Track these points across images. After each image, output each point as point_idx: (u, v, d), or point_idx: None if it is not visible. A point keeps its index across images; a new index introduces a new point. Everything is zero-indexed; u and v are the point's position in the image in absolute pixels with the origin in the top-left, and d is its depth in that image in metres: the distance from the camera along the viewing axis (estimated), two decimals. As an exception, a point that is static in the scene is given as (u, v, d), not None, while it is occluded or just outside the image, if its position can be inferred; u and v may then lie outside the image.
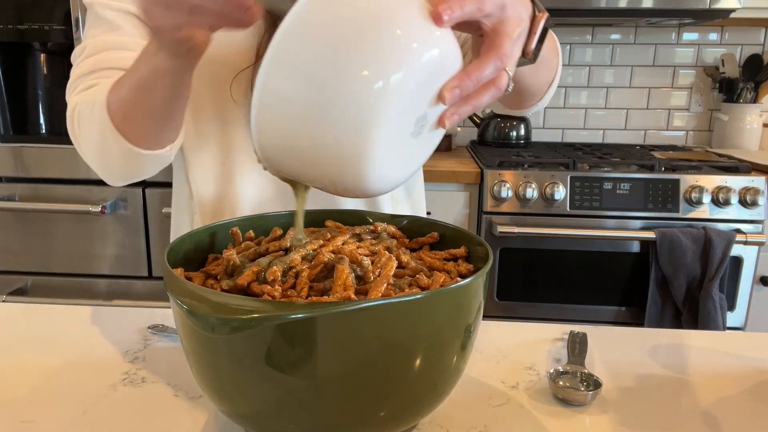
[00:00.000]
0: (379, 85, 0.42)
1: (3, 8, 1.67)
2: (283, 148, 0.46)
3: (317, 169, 0.46)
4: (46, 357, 0.68)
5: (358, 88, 0.42)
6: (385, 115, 0.43)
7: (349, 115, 0.42)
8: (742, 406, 0.60)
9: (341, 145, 0.44)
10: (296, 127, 0.44)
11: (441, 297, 0.44)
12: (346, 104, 0.42)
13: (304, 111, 0.43)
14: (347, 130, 0.43)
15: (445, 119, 0.48)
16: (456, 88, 0.46)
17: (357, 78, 0.42)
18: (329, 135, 0.43)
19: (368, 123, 0.43)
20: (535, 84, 0.73)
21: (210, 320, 0.39)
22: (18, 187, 1.77)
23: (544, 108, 0.86)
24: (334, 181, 0.47)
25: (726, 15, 1.79)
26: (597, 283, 1.72)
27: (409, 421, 0.49)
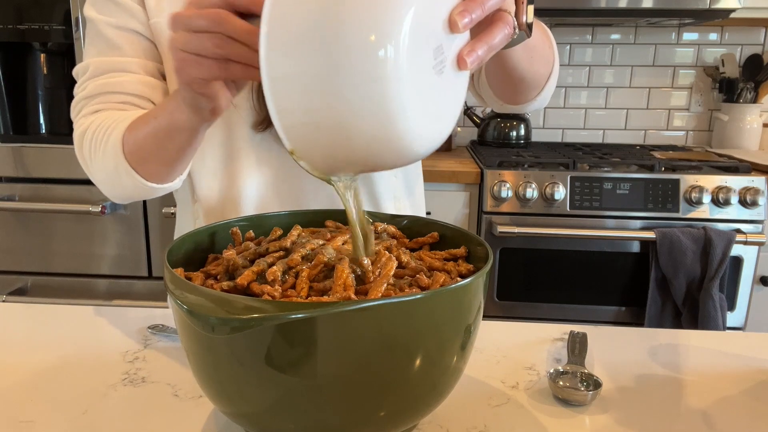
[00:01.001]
0: (381, 29, 0.38)
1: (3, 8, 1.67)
2: (309, 133, 0.42)
3: (353, 145, 0.42)
4: (46, 357, 0.68)
5: (359, 43, 0.38)
6: (398, 54, 0.39)
7: (362, 73, 0.39)
8: (742, 406, 0.60)
9: (367, 108, 0.40)
10: (314, 103, 0.40)
11: (441, 297, 0.44)
12: (354, 62, 0.38)
13: (315, 83, 0.40)
14: (366, 88, 0.39)
15: (464, 56, 0.46)
16: (464, 11, 0.45)
17: (356, 32, 0.38)
18: (350, 100, 0.39)
19: (384, 71, 0.39)
20: (530, 72, 0.72)
21: (210, 320, 0.39)
22: (18, 187, 1.77)
23: (543, 108, 0.85)
24: (375, 152, 0.43)
25: (726, 15, 1.79)
26: (597, 283, 1.72)
27: (409, 421, 0.49)
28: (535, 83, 0.75)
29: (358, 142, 0.42)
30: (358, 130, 0.41)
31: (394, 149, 0.43)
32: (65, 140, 1.74)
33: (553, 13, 1.85)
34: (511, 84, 0.75)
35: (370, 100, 0.40)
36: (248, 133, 0.79)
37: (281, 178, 0.82)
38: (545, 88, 0.78)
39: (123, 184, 0.71)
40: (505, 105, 0.82)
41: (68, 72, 1.79)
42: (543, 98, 0.80)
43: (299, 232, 0.59)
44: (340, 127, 0.41)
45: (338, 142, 0.42)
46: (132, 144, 0.68)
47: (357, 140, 0.42)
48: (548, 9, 1.82)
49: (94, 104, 0.76)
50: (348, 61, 0.39)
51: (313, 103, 0.40)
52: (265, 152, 0.80)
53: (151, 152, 0.67)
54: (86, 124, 0.75)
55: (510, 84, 0.75)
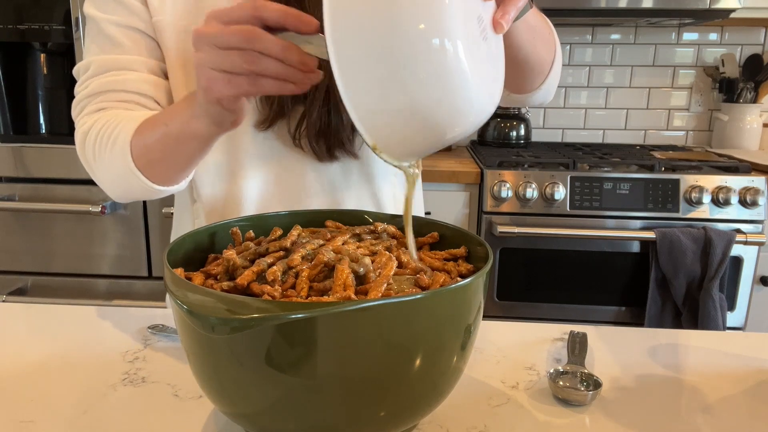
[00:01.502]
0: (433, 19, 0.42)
1: (3, 8, 1.67)
2: (389, 126, 0.46)
3: (430, 126, 0.45)
4: (46, 357, 0.68)
5: (418, 35, 0.42)
6: (454, 33, 0.43)
7: (426, 61, 0.42)
8: (742, 406, 0.60)
9: (438, 90, 0.43)
10: (391, 99, 0.44)
11: (441, 297, 0.44)
12: (417, 53, 0.42)
13: (387, 80, 0.43)
14: (431, 73, 0.43)
15: (499, 20, 0.50)
16: None
17: (413, 26, 0.42)
18: (421, 88, 0.43)
19: (444, 56, 0.43)
20: (534, 55, 0.72)
21: (210, 320, 0.39)
22: (18, 187, 1.77)
23: (544, 105, 0.84)
24: (451, 126, 0.46)
25: (726, 15, 1.79)
26: (597, 283, 1.72)
27: (409, 421, 0.49)
28: (539, 68, 0.75)
29: (434, 121, 0.45)
30: (433, 111, 0.45)
31: (466, 117, 0.47)
32: (65, 140, 1.74)
33: (553, 13, 1.85)
34: (517, 67, 0.74)
35: (438, 83, 0.43)
36: (251, 131, 0.79)
37: (283, 176, 0.82)
38: (549, 77, 0.77)
39: (129, 185, 0.71)
40: (511, 95, 0.81)
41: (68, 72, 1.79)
42: (547, 88, 0.79)
43: (299, 232, 0.59)
44: (416, 114, 0.45)
45: (416, 127, 0.46)
46: (141, 148, 0.67)
47: (432, 120, 0.45)
48: (548, 9, 1.82)
49: (97, 102, 0.75)
50: (412, 53, 0.42)
51: (389, 99, 0.44)
52: (267, 151, 0.80)
53: (160, 157, 0.67)
54: (90, 123, 0.73)
55: (515, 67, 0.74)
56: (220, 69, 0.50)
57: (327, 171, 0.82)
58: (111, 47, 0.76)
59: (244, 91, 0.51)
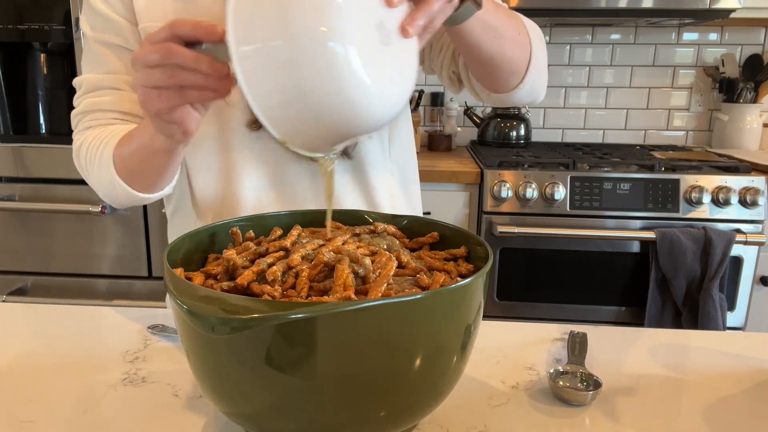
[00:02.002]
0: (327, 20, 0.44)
1: (3, 8, 1.67)
2: (290, 122, 0.48)
3: (326, 123, 0.48)
4: (46, 357, 0.68)
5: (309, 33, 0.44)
6: (346, 39, 0.45)
7: (316, 59, 0.45)
8: (742, 406, 0.60)
9: (329, 89, 0.46)
10: (286, 95, 0.46)
11: (441, 297, 0.44)
12: (307, 51, 0.45)
13: (282, 77, 0.46)
14: (323, 72, 0.45)
15: (405, 26, 0.51)
16: None
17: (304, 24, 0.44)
18: (312, 85, 0.46)
19: (335, 57, 0.45)
20: (499, 54, 0.71)
21: (210, 320, 0.39)
22: (18, 187, 1.77)
23: (536, 102, 0.83)
24: (345, 123, 0.48)
25: (726, 15, 1.79)
26: (597, 283, 1.72)
27: (409, 421, 0.49)
28: (510, 67, 0.74)
29: (330, 120, 0.48)
30: (326, 110, 0.47)
31: (360, 117, 0.49)
32: (65, 140, 1.74)
33: (553, 13, 1.85)
34: (484, 67, 0.74)
35: (329, 82, 0.46)
36: (243, 132, 0.80)
37: (278, 175, 0.82)
38: (528, 76, 0.76)
39: (117, 194, 0.76)
40: (492, 95, 0.80)
41: (68, 72, 1.80)
42: (530, 87, 0.78)
43: (299, 232, 0.59)
44: (312, 112, 0.47)
45: (314, 124, 0.48)
46: (120, 161, 0.74)
47: (328, 119, 0.48)
48: (548, 9, 1.82)
49: (86, 121, 0.81)
50: (303, 55, 0.45)
51: (287, 99, 0.47)
52: (260, 150, 0.81)
53: (138, 169, 0.73)
54: (81, 139, 0.80)
55: (483, 67, 0.74)
56: (150, 86, 0.54)
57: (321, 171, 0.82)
58: (97, 65, 0.81)
59: (174, 102, 0.55)
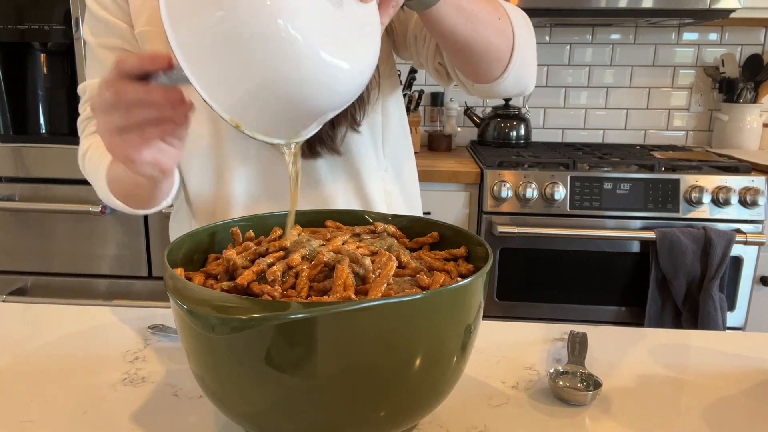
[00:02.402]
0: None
1: (3, 8, 1.67)
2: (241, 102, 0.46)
3: (278, 98, 0.45)
4: (46, 357, 0.68)
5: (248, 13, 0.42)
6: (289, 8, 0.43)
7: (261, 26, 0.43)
8: (742, 406, 0.60)
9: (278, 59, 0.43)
10: (235, 72, 0.44)
11: (441, 297, 0.44)
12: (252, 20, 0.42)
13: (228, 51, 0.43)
14: (270, 40, 0.43)
15: None
16: None
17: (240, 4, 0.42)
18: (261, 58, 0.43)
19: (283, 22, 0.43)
20: (475, 40, 0.68)
21: (210, 320, 0.39)
22: (18, 187, 1.77)
23: (525, 93, 0.79)
24: (298, 96, 0.46)
25: (726, 15, 1.79)
26: (597, 283, 1.72)
27: (409, 421, 0.49)
28: (490, 54, 0.70)
29: (286, 96, 0.46)
30: (281, 86, 0.45)
31: (318, 94, 0.47)
32: (65, 140, 1.74)
33: (553, 13, 1.85)
34: (461, 54, 0.71)
35: (278, 56, 0.43)
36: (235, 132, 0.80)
37: (270, 175, 0.82)
38: (511, 64, 0.72)
39: (115, 205, 0.77)
40: (475, 85, 0.76)
41: (68, 72, 1.80)
42: (514, 77, 0.74)
43: (299, 232, 0.59)
44: (266, 91, 0.45)
45: (271, 104, 0.46)
46: (111, 182, 0.74)
47: (284, 95, 0.45)
48: (548, 9, 1.82)
49: (92, 126, 0.81)
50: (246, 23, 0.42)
51: (230, 75, 0.44)
52: (251, 150, 0.81)
53: (128, 193, 0.74)
54: (86, 145, 0.80)
55: (460, 55, 0.71)
56: (111, 130, 0.52)
57: (312, 168, 0.82)
58: (102, 69, 0.80)
59: (137, 144, 0.52)
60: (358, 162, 0.84)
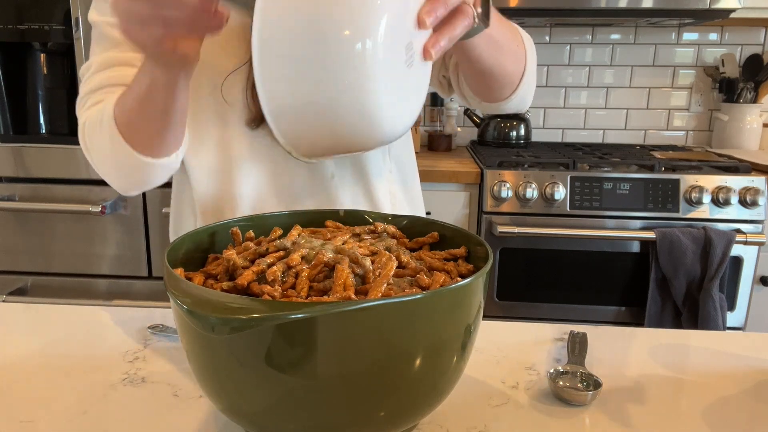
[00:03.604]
0: (362, 35, 0.45)
1: (3, 8, 1.67)
2: (295, 118, 0.48)
3: (335, 131, 0.48)
4: (46, 357, 0.68)
5: (342, 42, 0.45)
6: (376, 54, 0.46)
7: (344, 67, 0.45)
8: (742, 406, 0.60)
9: (346, 95, 0.46)
10: (302, 90, 0.46)
11: (441, 297, 0.44)
12: (337, 58, 0.45)
13: (303, 72, 0.45)
14: (347, 79, 0.45)
15: (429, 48, 0.53)
16: (432, 11, 0.52)
17: (338, 34, 0.45)
18: (333, 90, 0.46)
19: (364, 68, 0.45)
20: (497, 67, 0.73)
21: (210, 320, 0.39)
22: (18, 187, 1.77)
23: (523, 110, 0.85)
24: (354, 136, 0.49)
25: (726, 15, 1.79)
26: (597, 283, 1.72)
27: (409, 421, 0.49)
28: (505, 80, 0.76)
29: (339, 128, 0.48)
30: (339, 116, 0.47)
31: (372, 134, 0.50)
32: (65, 140, 1.74)
33: (553, 13, 1.85)
34: (481, 78, 0.76)
35: (350, 91, 0.46)
36: (243, 130, 0.80)
37: (277, 174, 0.82)
38: (520, 88, 0.78)
39: (121, 163, 0.72)
40: (483, 103, 0.83)
41: (68, 72, 1.80)
42: (520, 98, 0.80)
43: (299, 232, 0.59)
44: (324, 114, 0.47)
45: (321, 128, 0.49)
46: (120, 113, 0.69)
47: (338, 126, 0.48)
48: (548, 9, 1.82)
49: (98, 95, 0.76)
50: (333, 59, 0.45)
51: (300, 90, 0.46)
52: (260, 149, 0.81)
53: (139, 116, 0.68)
54: (86, 116, 0.76)
55: (479, 78, 0.76)
56: (134, 21, 0.52)
57: (320, 168, 0.82)
58: (112, 47, 0.77)
59: (160, 35, 0.52)
60: (365, 162, 0.84)
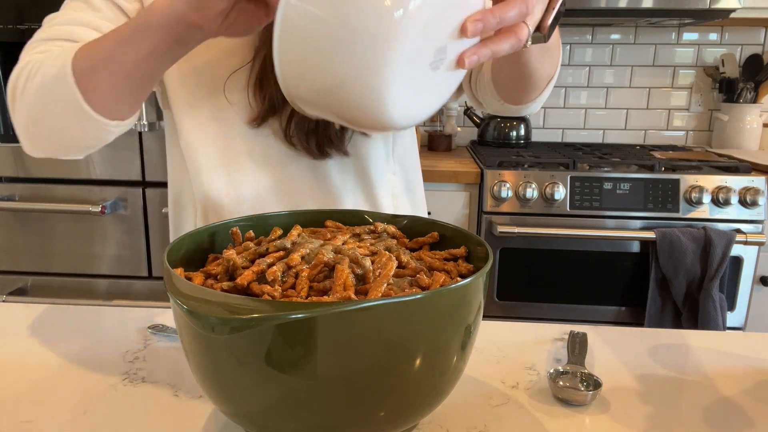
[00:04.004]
0: (399, 12, 0.42)
1: (3, 8, 1.67)
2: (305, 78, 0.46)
3: (340, 99, 0.46)
4: (46, 357, 0.68)
5: (377, 13, 0.42)
6: (404, 40, 0.43)
7: (368, 41, 0.43)
8: (742, 406, 0.60)
9: (361, 72, 0.44)
10: (317, 54, 0.44)
11: (441, 297, 0.44)
12: (365, 29, 0.42)
13: (323, 37, 0.43)
14: (367, 55, 0.43)
15: (465, 58, 0.48)
16: (479, 21, 0.46)
17: (376, 4, 0.42)
18: (349, 62, 0.44)
19: (387, 47, 0.43)
20: (539, 71, 0.71)
21: (210, 320, 0.39)
22: (18, 187, 1.77)
23: (539, 109, 0.84)
24: (356, 111, 0.47)
25: (726, 15, 1.79)
26: (597, 283, 1.72)
27: (409, 421, 0.49)
28: (540, 83, 0.75)
29: (348, 107, 0.46)
30: (350, 96, 0.45)
31: (374, 119, 0.47)
32: (65, 140, 1.74)
33: (553, 13, 1.84)
34: (519, 81, 0.74)
35: (366, 71, 0.44)
36: (244, 129, 0.80)
37: (279, 174, 0.82)
38: (545, 90, 0.78)
39: (58, 112, 0.62)
40: (505, 105, 0.80)
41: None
42: (541, 100, 0.79)
43: (299, 232, 0.59)
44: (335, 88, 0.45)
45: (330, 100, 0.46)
46: (84, 60, 0.60)
47: (347, 105, 0.46)
48: (548, 9, 1.81)
49: (51, 45, 0.67)
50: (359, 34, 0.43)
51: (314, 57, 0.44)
52: (261, 148, 0.80)
53: (107, 71, 0.59)
54: (35, 57, 0.66)
55: (518, 81, 0.74)
56: None
57: (322, 168, 0.82)
58: (87, 8, 0.71)
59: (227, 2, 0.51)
60: (368, 163, 0.84)
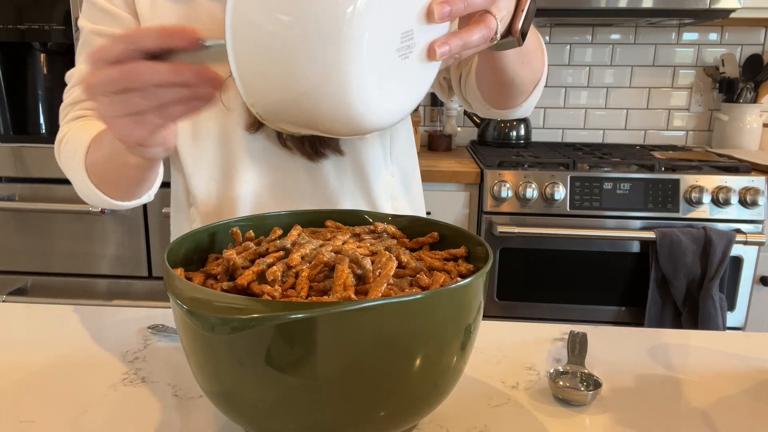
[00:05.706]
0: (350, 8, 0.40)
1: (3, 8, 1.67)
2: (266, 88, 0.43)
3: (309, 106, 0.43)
4: (46, 357, 0.68)
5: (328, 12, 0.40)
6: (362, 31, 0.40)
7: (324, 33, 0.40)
8: (742, 406, 0.60)
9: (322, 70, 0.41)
10: (273, 58, 0.41)
11: (441, 297, 0.44)
12: (318, 22, 0.40)
13: (276, 38, 0.40)
14: (325, 50, 0.40)
15: (435, 47, 0.46)
16: (445, 3, 0.44)
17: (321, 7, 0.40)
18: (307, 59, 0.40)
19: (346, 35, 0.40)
20: (519, 77, 0.72)
21: (210, 320, 0.39)
22: (18, 187, 1.77)
23: (530, 113, 0.84)
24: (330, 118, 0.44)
25: (726, 15, 1.79)
26: (597, 283, 1.72)
27: (409, 421, 0.49)
28: (523, 89, 0.75)
29: (319, 111, 0.43)
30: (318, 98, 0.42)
31: (347, 122, 0.44)
32: (65, 140, 1.74)
33: (553, 13, 1.85)
34: (500, 87, 0.74)
35: (325, 61, 0.41)
36: (242, 134, 0.79)
37: (277, 177, 0.82)
38: (531, 96, 0.78)
39: (93, 198, 0.73)
40: (491, 110, 0.81)
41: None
42: (528, 106, 0.79)
43: (299, 232, 0.59)
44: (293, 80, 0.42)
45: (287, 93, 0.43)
46: (92, 167, 0.70)
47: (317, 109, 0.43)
48: (548, 9, 1.82)
49: (77, 110, 0.77)
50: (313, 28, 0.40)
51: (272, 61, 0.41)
52: (259, 152, 0.81)
53: (108, 179, 0.69)
54: (65, 131, 0.76)
55: (499, 87, 0.74)
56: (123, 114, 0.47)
57: (319, 170, 0.82)
58: None
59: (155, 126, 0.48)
60: (366, 164, 0.84)
